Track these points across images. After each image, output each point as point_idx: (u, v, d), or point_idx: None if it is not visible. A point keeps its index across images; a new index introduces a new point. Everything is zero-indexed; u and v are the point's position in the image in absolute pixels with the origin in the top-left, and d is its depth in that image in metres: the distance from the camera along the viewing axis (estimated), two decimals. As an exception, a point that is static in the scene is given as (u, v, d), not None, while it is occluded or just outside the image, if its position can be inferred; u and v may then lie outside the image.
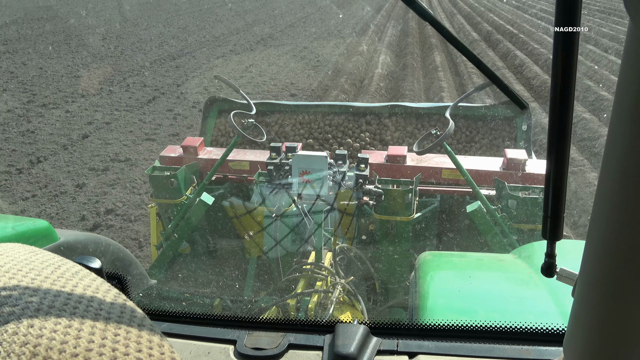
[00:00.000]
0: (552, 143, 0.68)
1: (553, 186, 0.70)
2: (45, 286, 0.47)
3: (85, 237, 1.74)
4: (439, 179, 3.13)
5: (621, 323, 0.57)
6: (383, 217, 2.79)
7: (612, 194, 0.52)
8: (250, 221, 3.08)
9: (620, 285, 0.55)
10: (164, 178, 2.98)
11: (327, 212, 2.73)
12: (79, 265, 0.54)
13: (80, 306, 0.46)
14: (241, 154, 3.36)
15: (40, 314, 0.43)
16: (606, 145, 0.52)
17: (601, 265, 0.57)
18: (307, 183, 2.68)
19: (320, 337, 0.96)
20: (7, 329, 0.41)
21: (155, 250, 3.17)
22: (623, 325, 0.57)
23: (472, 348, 0.93)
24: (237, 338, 0.97)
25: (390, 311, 2.77)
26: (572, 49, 0.62)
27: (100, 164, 6.66)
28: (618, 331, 0.58)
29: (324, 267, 2.53)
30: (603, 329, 0.59)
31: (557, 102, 0.65)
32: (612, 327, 0.58)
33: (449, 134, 2.54)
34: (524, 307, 1.24)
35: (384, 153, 3.21)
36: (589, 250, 0.59)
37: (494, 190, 2.94)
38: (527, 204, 2.68)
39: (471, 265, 1.58)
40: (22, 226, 1.52)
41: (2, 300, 0.44)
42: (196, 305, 2.71)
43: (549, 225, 0.73)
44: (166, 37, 16.78)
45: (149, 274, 2.27)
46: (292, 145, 2.87)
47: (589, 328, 0.61)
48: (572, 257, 0.83)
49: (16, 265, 0.50)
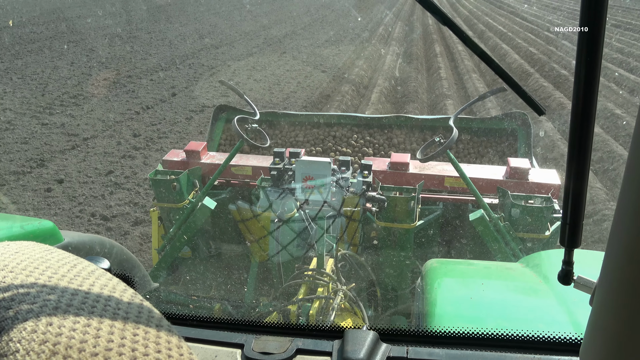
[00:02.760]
0: (572, 150, 0.67)
1: (573, 193, 0.69)
2: (62, 284, 0.47)
3: (89, 239, 1.72)
4: (442, 187, 3.11)
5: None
6: (385, 224, 2.78)
7: (634, 203, 0.51)
8: (255, 225, 3.05)
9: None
10: (166, 182, 2.96)
11: (332, 218, 2.71)
12: (93, 265, 0.54)
13: (99, 305, 0.45)
14: (244, 159, 3.35)
15: (59, 312, 0.42)
16: (630, 153, 0.51)
17: (623, 274, 0.54)
18: (311, 189, 2.66)
19: (328, 342, 0.94)
20: (25, 326, 0.40)
21: (156, 254, 3.15)
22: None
23: (484, 356, 0.90)
24: (244, 342, 0.96)
25: (392, 318, 2.76)
26: (596, 52, 0.60)
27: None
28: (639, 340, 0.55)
29: (326, 274, 2.51)
30: (623, 339, 0.56)
31: (578, 108, 0.63)
32: (632, 336, 0.55)
33: (452, 142, 2.51)
34: (534, 315, 1.22)
35: (387, 160, 3.20)
36: (610, 258, 0.57)
37: (497, 199, 2.92)
38: (530, 212, 2.64)
39: (479, 273, 1.55)
40: (29, 226, 1.51)
41: (20, 297, 0.43)
42: (200, 309, 2.65)
43: (567, 232, 0.71)
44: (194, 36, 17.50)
45: (151, 277, 2.28)
46: (295, 151, 2.86)
47: (608, 337, 0.59)
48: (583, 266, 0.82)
49: (32, 263, 0.49)
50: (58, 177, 6.18)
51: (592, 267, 0.64)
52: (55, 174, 6.27)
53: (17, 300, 0.43)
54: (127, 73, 11.97)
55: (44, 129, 7.94)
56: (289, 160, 2.83)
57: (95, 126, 8.15)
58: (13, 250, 0.51)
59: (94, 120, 8.44)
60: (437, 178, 3.07)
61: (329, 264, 2.67)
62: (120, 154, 6.95)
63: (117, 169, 6.40)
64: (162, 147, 7.22)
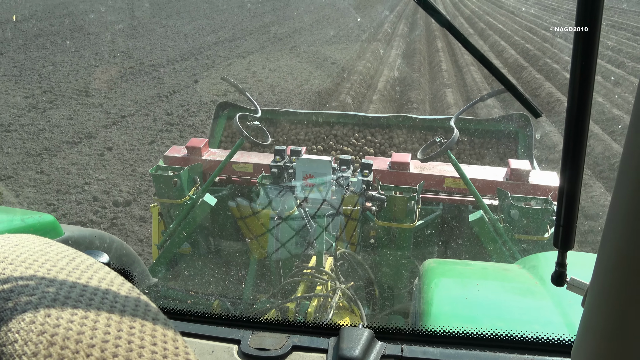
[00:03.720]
0: (567, 151, 0.67)
1: (567, 195, 0.69)
2: (61, 277, 0.47)
3: (90, 233, 1.73)
4: (442, 187, 3.12)
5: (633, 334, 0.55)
6: (385, 223, 2.79)
7: (627, 205, 0.51)
8: (255, 223, 3.06)
9: (632, 296, 0.53)
10: (167, 178, 2.97)
11: (331, 217, 2.71)
12: (92, 258, 0.54)
13: (96, 298, 0.46)
14: (245, 156, 3.37)
15: (57, 304, 0.43)
16: (622, 156, 0.51)
17: (614, 276, 0.55)
18: (311, 187, 2.66)
19: (324, 339, 0.96)
20: (24, 317, 0.41)
21: (156, 249, 3.17)
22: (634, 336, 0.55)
23: (478, 356, 0.92)
24: (241, 338, 0.97)
25: (390, 317, 2.78)
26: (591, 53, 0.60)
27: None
28: (629, 342, 0.55)
29: (325, 272, 2.51)
30: (614, 340, 0.57)
31: (573, 110, 0.64)
32: (623, 338, 0.55)
33: (453, 142, 2.52)
34: (529, 316, 1.23)
35: (387, 160, 3.21)
36: (602, 261, 0.57)
37: (497, 200, 2.92)
38: (529, 214, 2.64)
39: (476, 273, 1.57)
40: (29, 219, 1.52)
41: (19, 289, 0.44)
42: (198, 305, 2.68)
43: (561, 234, 0.72)
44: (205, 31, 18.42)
45: (150, 272, 2.32)
46: (296, 149, 2.87)
47: (599, 338, 0.59)
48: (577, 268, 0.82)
49: (32, 256, 0.50)
50: (107, 145, 7.10)
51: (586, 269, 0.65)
52: (104, 143, 7.18)
53: (16, 292, 0.44)
54: (150, 63, 12.87)
55: (85, 108, 8.86)
56: (289, 158, 2.83)
57: (129, 107, 9.05)
58: (13, 243, 0.52)
59: (127, 102, 9.35)
60: (438, 178, 3.09)
61: (327, 263, 2.66)
62: (157, 128, 7.87)
63: (157, 140, 7.32)
64: (194, 124, 8.14)
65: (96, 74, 11.43)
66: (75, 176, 6.11)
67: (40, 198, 5.53)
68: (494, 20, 22.55)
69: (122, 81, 10.92)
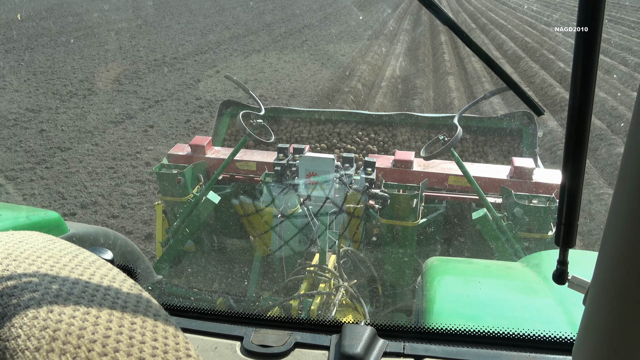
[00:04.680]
0: (568, 149, 0.67)
1: (568, 193, 0.69)
2: (63, 274, 0.48)
3: (94, 230, 1.74)
4: (446, 185, 3.11)
5: (633, 333, 0.55)
6: (388, 221, 2.79)
7: (628, 204, 0.51)
8: (258, 220, 3.07)
9: (633, 294, 0.53)
10: (171, 176, 2.99)
11: (334, 215, 2.72)
12: (95, 255, 0.55)
13: (98, 294, 0.47)
14: (248, 154, 3.39)
15: (60, 300, 0.44)
16: (623, 155, 0.51)
17: (615, 274, 0.55)
18: (314, 185, 2.67)
19: (327, 336, 0.96)
20: (27, 313, 0.42)
21: (160, 247, 3.20)
22: (635, 335, 0.55)
23: (479, 353, 0.92)
24: (243, 334, 0.97)
25: (393, 315, 2.79)
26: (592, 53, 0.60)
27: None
28: (629, 341, 0.55)
29: (328, 270, 2.52)
30: (614, 338, 0.57)
31: (575, 108, 0.64)
32: (623, 336, 0.55)
33: (456, 140, 2.53)
34: (531, 314, 1.23)
35: (390, 158, 3.21)
36: (603, 259, 0.57)
37: (501, 198, 2.92)
38: (533, 212, 2.65)
39: (479, 271, 1.57)
40: (34, 216, 1.52)
41: (23, 285, 0.45)
42: (202, 302, 2.69)
43: (562, 232, 0.72)
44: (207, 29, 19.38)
45: (155, 270, 2.27)
46: (299, 147, 2.87)
47: (599, 337, 0.60)
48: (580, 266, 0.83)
49: (35, 252, 0.51)
50: (148, 124, 8.04)
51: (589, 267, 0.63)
52: (145, 122, 8.13)
53: (20, 288, 0.45)
54: (172, 56, 13.82)
55: (120, 94, 9.81)
56: (292, 156, 2.84)
57: (161, 93, 10.00)
58: (17, 240, 0.54)
59: (158, 89, 10.29)
60: (441, 176, 3.09)
61: (331, 260, 2.68)
62: (190, 110, 8.81)
63: (192, 119, 8.26)
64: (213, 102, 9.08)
65: (124, 65, 12.40)
66: (126, 147, 7.06)
67: (100, 164, 6.48)
68: (496, 15, 23.40)
69: (149, 72, 11.87)
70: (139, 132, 7.67)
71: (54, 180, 5.99)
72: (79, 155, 6.76)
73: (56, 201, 5.46)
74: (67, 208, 5.32)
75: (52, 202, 5.44)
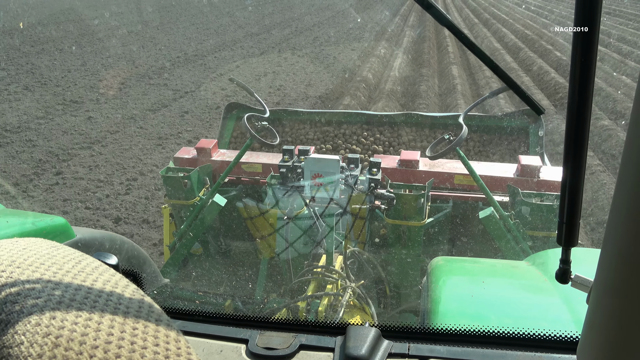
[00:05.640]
0: (568, 148, 0.67)
1: (569, 192, 0.70)
2: (66, 280, 0.49)
3: (101, 235, 1.76)
4: (452, 185, 3.10)
5: (636, 331, 0.55)
6: (395, 221, 2.77)
7: (629, 201, 0.51)
8: (263, 223, 3.08)
9: (635, 293, 0.53)
10: (177, 179, 3.00)
11: (339, 216, 2.70)
12: (98, 261, 0.56)
13: (100, 300, 0.47)
14: (254, 156, 3.38)
15: (62, 306, 0.44)
16: (624, 152, 0.51)
17: (617, 273, 0.55)
18: (319, 186, 2.66)
19: (331, 338, 0.97)
20: (30, 319, 0.42)
21: (168, 250, 3.22)
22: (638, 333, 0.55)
23: (484, 353, 0.92)
24: (249, 337, 0.98)
25: (401, 316, 2.79)
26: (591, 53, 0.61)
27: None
28: (633, 339, 0.55)
29: (335, 271, 2.51)
30: (618, 337, 0.57)
31: (574, 107, 0.64)
32: (627, 335, 0.56)
33: (462, 139, 2.52)
34: (537, 314, 1.23)
35: (396, 158, 3.21)
36: (605, 257, 0.57)
37: (508, 197, 2.91)
38: (540, 210, 2.64)
39: (484, 271, 1.57)
40: (41, 222, 1.53)
41: (26, 292, 0.45)
42: (208, 305, 2.69)
43: (564, 231, 0.72)
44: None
45: (162, 273, 2.33)
46: (304, 148, 2.87)
47: (603, 336, 0.60)
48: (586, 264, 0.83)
49: (39, 259, 0.52)
50: (183, 110, 9.00)
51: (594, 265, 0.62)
52: (179, 109, 9.08)
53: (23, 295, 0.45)
54: (193, 53, 14.80)
55: (153, 87, 10.77)
56: (298, 158, 2.85)
57: (188, 85, 10.96)
58: (21, 247, 0.54)
59: (185, 82, 11.25)
60: (447, 176, 3.09)
61: (338, 261, 2.67)
62: (218, 98, 9.76)
63: (221, 106, 9.20)
64: (245, 95, 10.01)
65: (150, 62, 13.38)
66: (168, 129, 8.01)
67: (147, 143, 7.43)
68: (498, 10, 24.22)
69: (175, 67, 12.84)
70: (177, 117, 8.63)
71: (111, 155, 6.95)
72: (128, 137, 7.72)
73: (118, 171, 6.42)
74: (129, 175, 6.28)
75: (114, 171, 6.40)
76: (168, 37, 17.39)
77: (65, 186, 5.98)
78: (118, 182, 6.11)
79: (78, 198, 5.68)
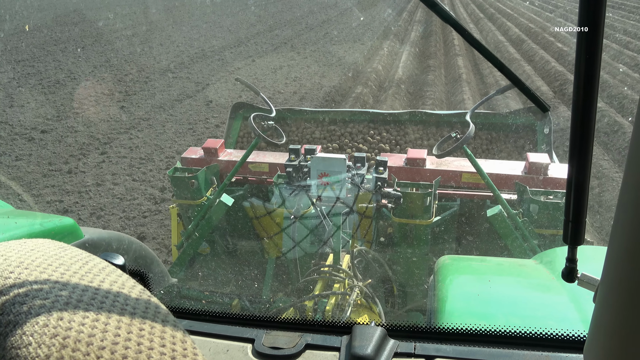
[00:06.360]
0: (574, 146, 0.67)
1: (575, 190, 0.69)
2: (74, 281, 0.49)
3: (108, 235, 1.76)
4: (459, 183, 3.09)
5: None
6: (402, 220, 2.77)
7: (635, 199, 0.51)
8: (269, 222, 3.08)
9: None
10: (185, 179, 3.01)
11: (346, 215, 2.71)
12: (105, 262, 0.56)
13: (107, 301, 0.48)
14: (261, 156, 3.39)
15: (70, 307, 0.45)
16: (630, 149, 0.51)
17: (624, 271, 0.55)
18: (326, 185, 2.65)
19: (337, 338, 0.96)
20: (38, 320, 0.43)
21: (176, 250, 3.24)
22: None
23: (491, 353, 0.92)
24: (255, 337, 0.98)
25: (409, 315, 2.79)
26: (595, 51, 0.60)
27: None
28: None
29: (342, 270, 2.52)
30: (625, 336, 0.56)
31: (579, 105, 0.64)
32: (634, 334, 0.55)
33: (469, 137, 2.50)
34: (544, 313, 1.22)
35: (403, 156, 3.20)
36: (611, 256, 0.57)
37: (515, 195, 2.89)
38: (549, 208, 2.63)
39: (491, 270, 1.56)
40: (49, 223, 1.54)
41: (34, 293, 0.46)
42: (215, 304, 2.69)
43: (570, 229, 0.72)
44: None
45: (170, 273, 2.30)
46: (311, 148, 2.87)
47: (610, 335, 0.59)
48: (593, 263, 0.82)
49: (47, 260, 0.52)
50: (207, 100, 9.71)
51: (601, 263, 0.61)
52: (204, 99, 9.79)
53: (31, 296, 0.46)
54: (209, 49, 15.52)
55: (176, 80, 11.49)
56: (304, 157, 2.86)
57: (210, 78, 11.67)
58: (29, 248, 0.55)
59: (205, 75, 11.96)
60: (454, 174, 3.08)
61: (345, 260, 2.68)
62: (239, 89, 10.46)
63: (243, 95, 9.91)
64: (265, 85, 10.71)
65: (170, 58, 14.12)
66: (195, 116, 8.72)
67: (179, 127, 8.14)
68: (503, 5, 24.76)
69: (194, 62, 13.56)
70: (202, 106, 9.34)
71: (148, 138, 7.67)
72: (160, 123, 8.43)
73: (156, 151, 7.13)
74: (167, 154, 6.99)
75: (153, 151, 7.11)
76: (183, 36, 18.14)
77: (112, 163, 6.70)
78: (158, 159, 6.81)
79: (125, 172, 6.39)
